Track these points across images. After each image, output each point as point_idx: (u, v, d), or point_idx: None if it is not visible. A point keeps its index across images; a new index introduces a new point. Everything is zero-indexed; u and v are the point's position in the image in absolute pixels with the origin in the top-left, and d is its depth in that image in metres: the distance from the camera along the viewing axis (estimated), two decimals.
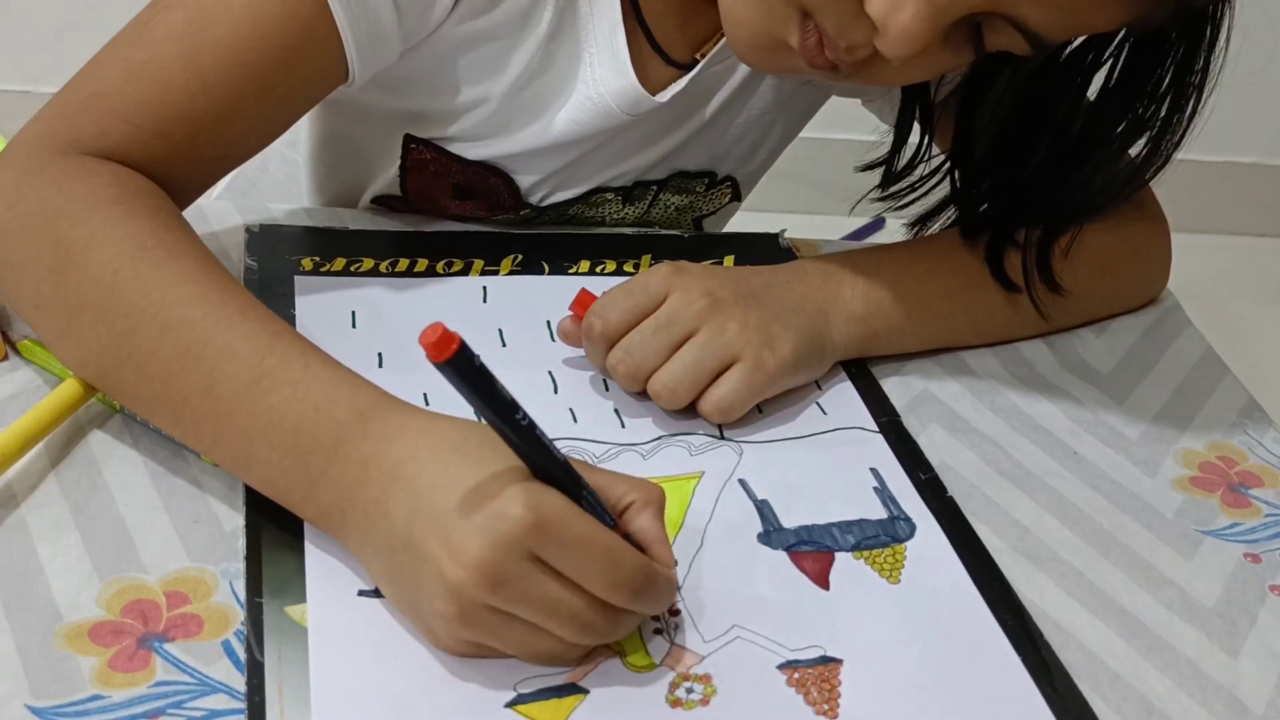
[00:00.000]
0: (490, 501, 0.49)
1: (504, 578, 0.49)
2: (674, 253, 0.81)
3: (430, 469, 0.51)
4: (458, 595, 0.49)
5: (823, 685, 0.53)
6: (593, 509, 0.51)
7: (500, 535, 0.48)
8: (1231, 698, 0.56)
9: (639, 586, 0.51)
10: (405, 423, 0.54)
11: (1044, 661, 0.56)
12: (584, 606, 0.50)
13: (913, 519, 0.63)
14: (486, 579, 0.48)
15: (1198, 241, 2.42)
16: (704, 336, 0.66)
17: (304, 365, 0.55)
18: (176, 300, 0.57)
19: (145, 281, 0.58)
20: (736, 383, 0.66)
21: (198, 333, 0.56)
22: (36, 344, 0.65)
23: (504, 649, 0.51)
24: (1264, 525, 0.67)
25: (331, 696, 0.50)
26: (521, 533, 0.48)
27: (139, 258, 0.58)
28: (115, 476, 0.59)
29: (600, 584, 0.50)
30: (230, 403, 0.55)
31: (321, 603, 0.54)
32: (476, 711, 0.50)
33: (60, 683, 0.49)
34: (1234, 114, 2.61)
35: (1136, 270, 0.83)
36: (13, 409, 0.62)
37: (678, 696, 0.52)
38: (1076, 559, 0.63)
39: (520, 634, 0.50)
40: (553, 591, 0.49)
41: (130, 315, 0.57)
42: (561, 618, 0.50)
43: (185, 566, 0.55)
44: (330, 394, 0.54)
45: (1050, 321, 0.78)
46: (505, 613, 0.50)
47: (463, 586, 0.49)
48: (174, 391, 0.56)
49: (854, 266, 0.73)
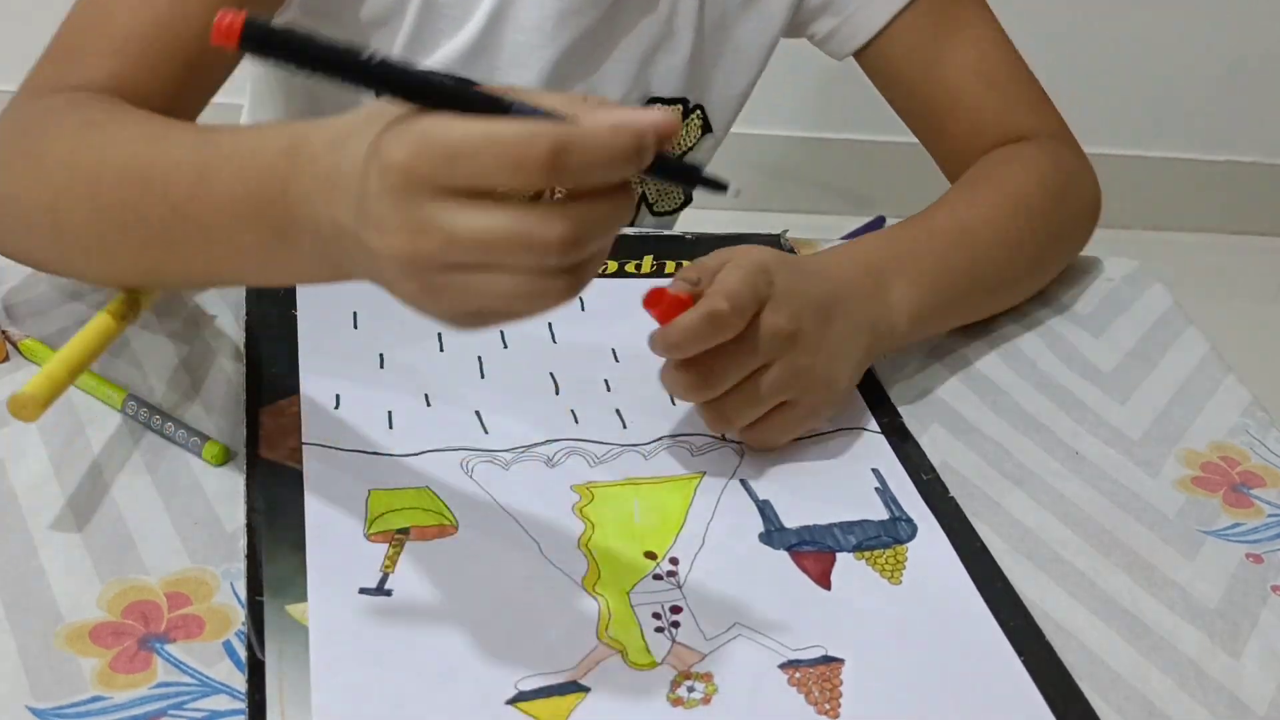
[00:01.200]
0: (373, 164, 0.46)
1: (417, 229, 0.45)
2: (674, 253, 0.81)
3: (341, 162, 0.49)
4: (406, 270, 0.47)
5: (824, 685, 0.53)
6: (517, 109, 0.45)
7: (392, 188, 0.45)
8: (1233, 698, 0.56)
9: (544, 158, 0.44)
10: (321, 136, 0.51)
11: (1045, 662, 0.56)
12: (515, 218, 0.45)
13: (914, 520, 0.63)
14: (409, 242, 0.46)
15: (1198, 241, 2.43)
16: (777, 373, 0.63)
17: (232, 137, 0.56)
18: (121, 149, 0.60)
19: (93, 145, 0.61)
20: (785, 423, 0.65)
21: (142, 163, 0.59)
22: (37, 344, 0.65)
23: (489, 306, 0.47)
24: (1266, 525, 0.67)
25: (332, 694, 0.50)
26: (404, 173, 0.45)
27: (90, 124, 0.63)
28: (116, 477, 0.59)
29: (505, 175, 0.44)
30: (195, 207, 0.56)
31: (322, 601, 0.54)
32: (477, 709, 0.50)
33: (61, 684, 0.49)
34: (1234, 114, 2.63)
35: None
36: None
37: (679, 695, 0.52)
38: (1078, 559, 0.63)
39: (485, 284, 0.46)
40: (472, 221, 0.45)
41: (89, 179, 0.60)
42: (501, 241, 0.45)
43: (186, 567, 0.55)
44: (260, 148, 0.54)
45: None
46: (460, 265, 0.46)
47: (402, 260, 0.46)
48: (147, 224, 0.58)
49: (899, 269, 0.72)
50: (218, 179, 0.55)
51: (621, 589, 0.56)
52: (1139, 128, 2.38)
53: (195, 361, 0.67)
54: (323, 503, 0.58)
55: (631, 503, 0.61)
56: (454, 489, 0.60)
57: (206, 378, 0.66)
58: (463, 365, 0.68)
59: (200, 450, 0.60)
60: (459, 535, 0.58)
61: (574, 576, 0.57)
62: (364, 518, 0.58)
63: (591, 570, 0.57)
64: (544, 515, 0.60)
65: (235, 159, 0.55)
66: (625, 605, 0.56)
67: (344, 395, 0.65)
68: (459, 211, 0.45)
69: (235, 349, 0.67)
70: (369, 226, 0.47)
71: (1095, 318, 0.83)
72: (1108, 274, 0.88)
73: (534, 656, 0.53)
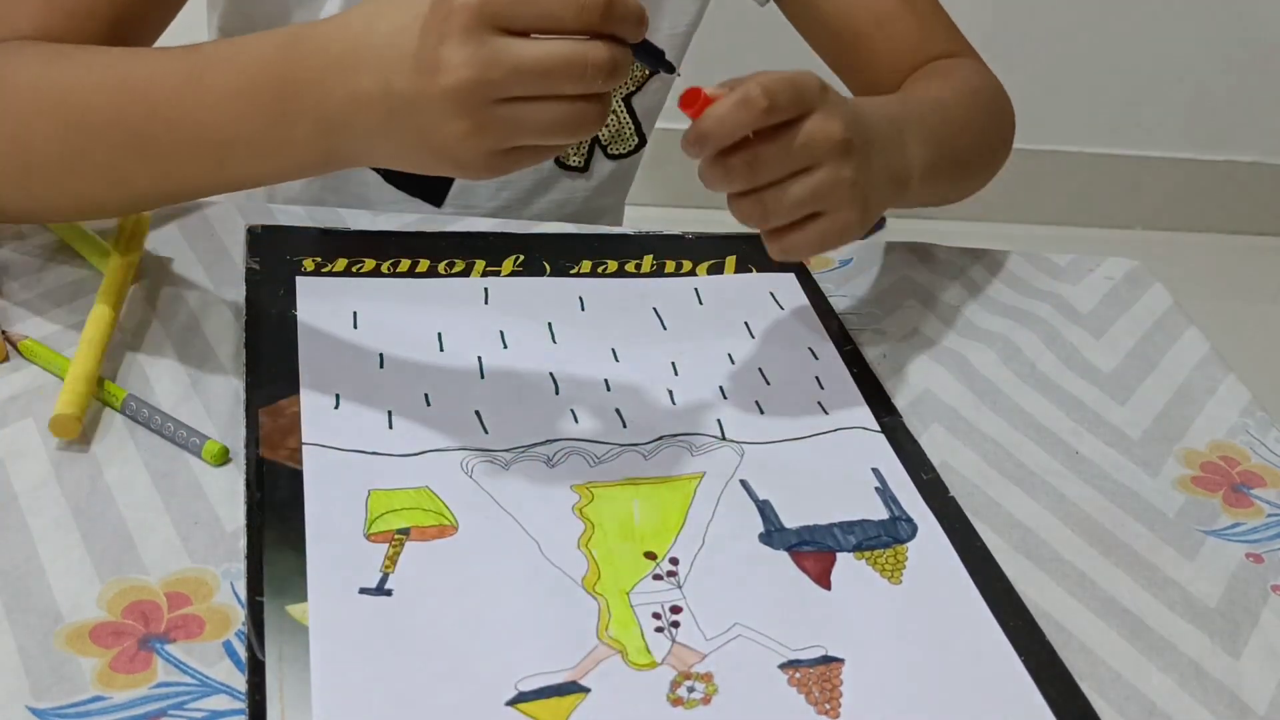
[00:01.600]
0: (437, 13, 0.53)
1: (486, 62, 0.52)
2: (674, 253, 0.81)
3: (372, 36, 0.56)
4: (460, 106, 0.53)
5: (824, 685, 0.53)
6: None
7: (463, 27, 0.52)
8: (1234, 698, 0.56)
9: (603, 4, 0.53)
10: (325, 28, 0.58)
11: (1045, 662, 0.56)
12: (571, 46, 0.53)
13: (914, 519, 0.63)
14: (479, 74, 0.52)
15: (1198, 241, 2.43)
16: (821, 178, 0.63)
17: (215, 46, 0.61)
18: (93, 69, 0.63)
19: (60, 69, 0.64)
20: (815, 234, 0.65)
21: (119, 74, 0.62)
22: (37, 344, 0.65)
23: (532, 137, 0.55)
24: (1266, 525, 0.67)
25: (333, 695, 0.50)
26: (476, 13, 0.52)
27: (55, 54, 0.65)
28: (116, 477, 0.59)
29: (570, 13, 0.53)
30: (180, 108, 0.60)
31: (323, 601, 0.54)
32: (478, 710, 0.50)
33: (61, 684, 0.49)
34: (1234, 114, 2.63)
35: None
36: (13, 409, 0.62)
37: (679, 695, 0.52)
38: (1078, 559, 0.63)
39: (536, 112, 0.54)
40: (536, 49, 0.53)
41: (58, 99, 0.63)
42: (558, 68, 0.53)
43: (186, 567, 0.55)
44: (253, 47, 0.59)
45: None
46: (511, 100, 0.53)
47: (465, 93, 0.53)
48: (122, 128, 0.61)
49: (914, 128, 0.74)
50: (208, 77, 0.59)
51: (621, 589, 0.56)
52: (1139, 128, 2.38)
53: (195, 361, 0.67)
54: (323, 503, 0.58)
55: (631, 503, 0.61)
56: (454, 489, 0.60)
57: (206, 378, 0.66)
58: (463, 365, 0.69)
59: (200, 450, 0.60)
60: (459, 535, 0.58)
61: (574, 576, 0.57)
62: (364, 518, 0.58)
63: (591, 570, 0.57)
64: (544, 515, 0.60)
65: (226, 60, 0.60)
66: (625, 605, 0.56)
67: (344, 395, 0.65)
68: (524, 45, 0.53)
69: (235, 349, 0.67)
70: (428, 73, 0.53)
71: (1095, 318, 0.83)
72: (1108, 274, 0.88)
73: (534, 656, 0.53)
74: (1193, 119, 2.39)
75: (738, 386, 0.70)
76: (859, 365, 0.73)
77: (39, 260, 0.72)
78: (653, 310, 0.76)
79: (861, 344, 0.76)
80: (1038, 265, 0.89)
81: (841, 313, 0.78)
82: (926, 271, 0.84)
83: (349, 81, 0.56)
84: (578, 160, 0.94)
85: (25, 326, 0.67)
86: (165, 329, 0.68)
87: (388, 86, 0.55)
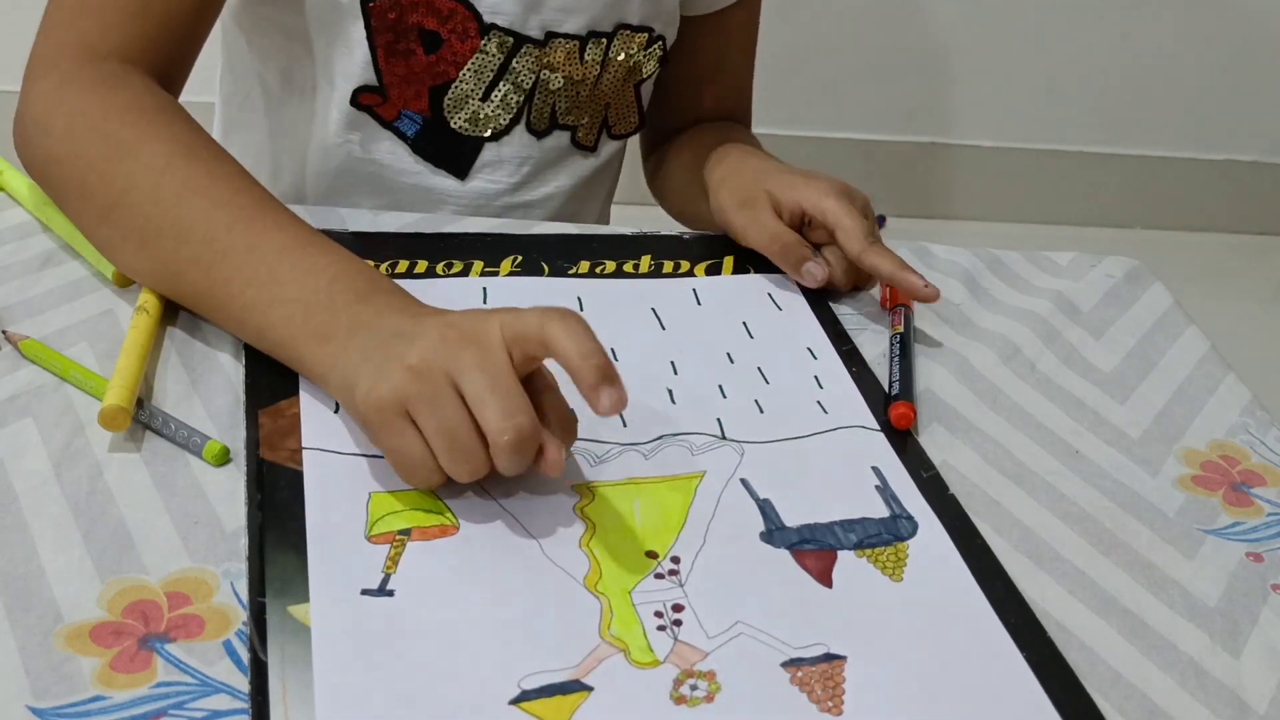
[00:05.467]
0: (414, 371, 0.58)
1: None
2: (674, 253, 0.81)
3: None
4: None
5: (827, 682, 0.53)
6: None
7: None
8: (1234, 697, 0.56)
9: (517, 440, 0.56)
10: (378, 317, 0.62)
11: (1048, 659, 0.56)
12: (471, 437, 0.56)
13: (915, 517, 0.63)
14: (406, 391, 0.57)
15: (1198, 241, 2.43)
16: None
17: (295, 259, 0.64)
18: (213, 198, 0.66)
19: (192, 173, 0.66)
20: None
21: (218, 231, 0.65)
22: (37, 344, 0.65)
23: (419, 438, 0.57)
24: (1266, 524, 0.67)
25: (335, 695, 0.50)
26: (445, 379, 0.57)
27: (188, 154, 0.67)
28: (116, 477, 0.59)
29: (494, 419, 0.56)
30: (242, 295, 0.64)
31: (324, 602, 0.53)
32: (480, 709, 0.50)
33: (61, 684, 0.49)
34: (1234, 114, 2.63)
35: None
36: (13, 409, 0.62)
37: (682, 694, 0.52)
38: (1078, 558, 0.63)
39: (422, 432, 0.57)
40: (455, 414, 0.56)
41: (174, 201, 0.65)
42: (448, 440, 0.56)
43: (186, 567, 0.55)
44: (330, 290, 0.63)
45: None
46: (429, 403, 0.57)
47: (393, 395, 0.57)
48: (200, 274, 0.65)
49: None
50: (274, 310, 0.64)
51: (623, 588, 0.56)
52: (1139, 128, 2.38)
53: (195, 361, 0.67)
54: (323, 506, 0.58)
55: (632, 502, 0.61)
56: (454, 489, 0.60)
57: (206, 378, 0.66)
58: None
59: (200, 450, 0.60)
60: (460, 535, 0.58)
61: (575, 576, 0.57)
62: (365, 520, 0.58)
63: (593, 569, 0.57)
64: (544, 515, 0.60)
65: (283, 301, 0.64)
66: (627, 604, 0.56)
67: None
68: (455, 402, 0.57)
69: (235, 349, 0.67)
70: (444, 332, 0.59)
71: (1095, 317, 0.83)
72: (1108, 272, 0.88)
73: (536, 655, 0.53)
74: (1193, 119, 2.39)
75: (737, 386, 0.70)
76: (858, 365, 0.73)
77: (39, 260, 0.72)
78: (651, 310, 0.76)
79: (861, 344, 0.76)
80: (1038, 264, 0.89)
81: (841, 312, 0.79)
82: (926, 271, 0.84)
83: (408, 323, 0.61)
84: (588, 140, 0.95)
85: (25, 326, 0.67)
86: (166, 329, 0.68)
87: (410, 329, 0.60)
